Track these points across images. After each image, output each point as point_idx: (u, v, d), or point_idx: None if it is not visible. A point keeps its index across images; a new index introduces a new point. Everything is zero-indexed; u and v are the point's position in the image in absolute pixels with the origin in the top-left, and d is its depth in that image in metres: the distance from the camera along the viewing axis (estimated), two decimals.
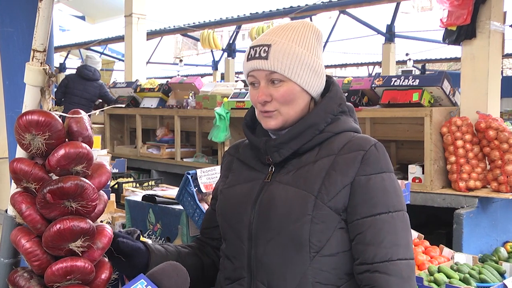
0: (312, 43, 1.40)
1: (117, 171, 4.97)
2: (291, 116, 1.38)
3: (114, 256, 1.35)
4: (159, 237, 2.92)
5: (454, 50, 12.39)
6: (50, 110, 1.26)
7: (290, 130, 1.38)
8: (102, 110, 1.78)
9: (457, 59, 13.47)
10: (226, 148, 5.65)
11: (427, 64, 16.03)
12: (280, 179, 1.37)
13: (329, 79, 1.46)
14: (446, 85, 4.13)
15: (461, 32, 4.16)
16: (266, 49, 1.36)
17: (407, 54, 11.61)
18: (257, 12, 9.71)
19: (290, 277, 1.31)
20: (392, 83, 4.38)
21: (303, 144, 1.37)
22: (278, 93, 1.36)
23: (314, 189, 1.31)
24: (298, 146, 1.37)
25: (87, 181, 1.22)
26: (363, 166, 1.31)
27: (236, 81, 8.02)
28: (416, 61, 13.30)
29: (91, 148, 1.26)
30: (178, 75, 11.20)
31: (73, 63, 15.78)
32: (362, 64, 16.46)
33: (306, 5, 8.81)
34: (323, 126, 1.38)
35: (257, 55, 1.37)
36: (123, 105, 1.80)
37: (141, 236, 1.51)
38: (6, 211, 1.37)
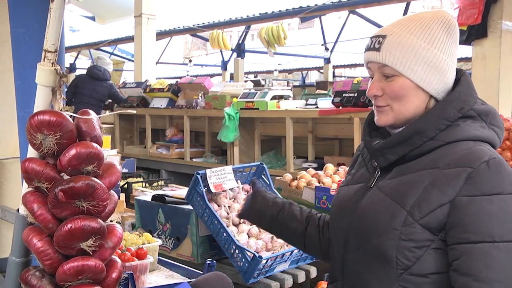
0: (436, 35, 1.27)
1: (126, 171, 5.00)
2: (402, 113, 1.29)
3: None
4: (168, 237, 2.93)
5: (464, 50, 12.27)
6: (61, 110, 1.26)
7: (396, 135, 1.29)
8: (113, 113, 1.77)
9: (467, 59, 13.33)
10: (235, 148, 5.69)
11: None
12: (380, 186, 1.30)
13: (459, 77, 1.32)
14: None
15: (472, 32, 4.14)
16: (380, 40, 1.28)
17: None
18: (266, 12, 9.69)
19: None
20: None
21: (411, 151, 1.26)
22: (389, 88, 1.28)
23: (407, 203, 1.20)
24: (404, 152, 1.27)
25: (98, 181, 1.22)
26: (467, 185, 1.16)
27: (246, 81, 8.01)
28: None
29: None
30: (187, 75, 11.21)
31: (83, 64, 15.86)
32: None
33: (316, 5, 8.78)
34: (434, 133, 1.25)
35: (371, 46, 1.30)
36: (134, 111, 1.82)
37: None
38: (18, 210, 1.38)
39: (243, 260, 2.52)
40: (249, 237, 2.69)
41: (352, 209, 1.33)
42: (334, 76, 13.41)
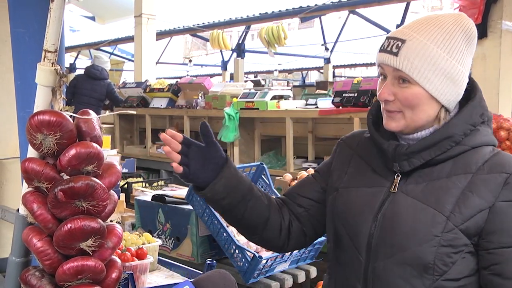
0: (457, 45, 1.24)
1: (126, 171, 4.99)
2: (414, 121, 1.27)
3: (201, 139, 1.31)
4: (168, 237, 2.93)
5: None
6: (61, 110, 1.26)
7: (424, 140, 1.26)
8: (113, 113, 1.78)
9: None
10: (235, 148, 5.69)
11: None
12: (407, 191, 1.27)
13: (471, 84, 1.32)
14: None
15: None
16: (399, 45, 1.24)
17: None
18: (266, 12, 9.70)
19: None
20: None
21: (437, 156, 1.25)
22: (402, 95, 1.25)
23: (446, 209, 1.20)
24: (431, 157, 1.25)
25: (97, 181, 1.22)
26: (505, 191, 1.18)
27: (246, 81, 8.02)
28: None
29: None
30: (187, 75, 11.21)
31: (83, 64, 15.86)
32: (371, 64, 16.38)
33: (316, 5, 8.78)
34: (461, 138, 1.25)
35: (388, 48, 1.26)
36: (134, 112, 1.82)
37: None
38: (18, 210, 1.38)
39: (243, 260, 2.52)
40: None
41: (375, 215, 1.28)
42: (334, 76, 13.42)
